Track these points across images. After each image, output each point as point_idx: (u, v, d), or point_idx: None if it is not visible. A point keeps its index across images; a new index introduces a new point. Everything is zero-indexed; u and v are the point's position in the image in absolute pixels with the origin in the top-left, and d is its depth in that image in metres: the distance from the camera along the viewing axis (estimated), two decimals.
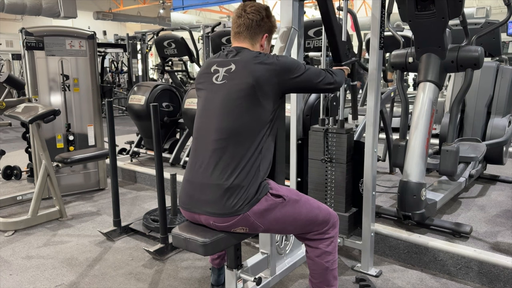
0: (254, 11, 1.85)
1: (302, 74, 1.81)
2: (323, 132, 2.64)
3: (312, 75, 1.85)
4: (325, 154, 2.65)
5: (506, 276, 2.35)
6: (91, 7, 17.40)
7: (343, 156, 2.60)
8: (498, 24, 3.16)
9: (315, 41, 3.70)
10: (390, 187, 3.93)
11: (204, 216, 1.73)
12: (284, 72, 1.76)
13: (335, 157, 2.62)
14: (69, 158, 3.44)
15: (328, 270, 1.88)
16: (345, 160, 2.60)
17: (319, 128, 2.68)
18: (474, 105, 4.01)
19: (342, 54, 2.31)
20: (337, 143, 2.62)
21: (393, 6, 3.13)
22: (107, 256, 2.86)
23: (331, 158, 2.63)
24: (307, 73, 1.83)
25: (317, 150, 2.69)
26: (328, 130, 2.65)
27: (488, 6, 10.50)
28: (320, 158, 2.66)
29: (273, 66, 1.74)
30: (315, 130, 2.69)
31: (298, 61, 1.88)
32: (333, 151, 2.63)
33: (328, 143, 2.65)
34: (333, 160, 2.63)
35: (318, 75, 1.88)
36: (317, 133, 2.68)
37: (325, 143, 2.65)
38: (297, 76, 1.79)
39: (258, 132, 1.73)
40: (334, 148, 2.63)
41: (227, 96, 1.74)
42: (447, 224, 2.83)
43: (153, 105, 2.69)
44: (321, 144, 2.66)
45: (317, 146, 2.69)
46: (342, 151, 2.60)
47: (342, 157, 2.60)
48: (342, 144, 2.59)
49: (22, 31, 3.88)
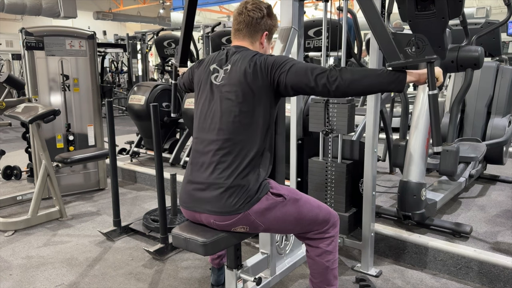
0: (255, 8, 1.84)
1: (291, 66, 1.68)
2: (324, 103, 2.58)
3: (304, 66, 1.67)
4: (325, 126, 2.62)
5: (506, 276, 2.35)
6: (91, 7, 17.41)
7: (344, 127, 2.53)
8: (498, 24, 3.16)
9: (315, 41, 3.70)
10: (390, 187, 3.93)
11: (204, 215, 1.74)
12: (273, 67, 1.71)
13: (336, 128, 2.57)
14: (69, 158, 3.44)
15: (329, 269, 1.88)
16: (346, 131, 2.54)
17: (320, 99, 2.61)
18: (474, 105, 4.02)
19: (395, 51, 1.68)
20: (338, 113, 2.54)
21: (393, 6, 3.13)
22: (107, 256, 2.86)
23: (332, 129, 2.59)
24: (297, 65, 1.68)
25: (317, 122, 2.62)
26: (329, 100, 2.58)
27: (488, 6, 10.50)
28: (320, 129, 2.62)
29: (263, 64, 1.71)
30: (316, 101, 2.62)
31: (287, 56, 1.78)
32: (334, 122, 2.58)
33: (328, 114, 2.60)
34: (333, 131, 2.59)
35: (312, 66, 1.67)
36: (318, 105, 2.61)
37: (326, 114, 2.61)
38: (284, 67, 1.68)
39: (258, 132, 1.73)
40: (335, 119, 2.57)
41: (226, 96, 1.74)
42: (447, 224, 2.83)
43: (153, 105, 2.69)
44: (322, 116, 2.59)
45: (317, 118, 2.62)
46: (343, 121, 2.53)
47: (343, 128, 2.53)
48: (343, 114, 2.52)
49: (22, 31, 3.88)
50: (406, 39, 1.66)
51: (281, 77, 1.69)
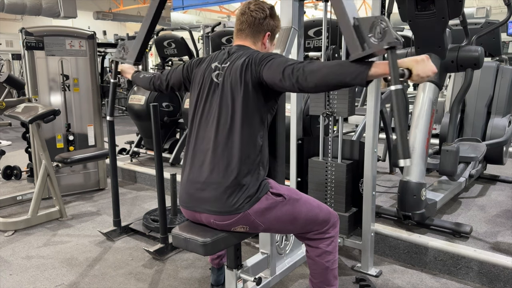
0: (258, 8, 1.83)
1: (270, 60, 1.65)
2: None
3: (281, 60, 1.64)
4: (326, 108, 2.61)
5: (506, 276, 2.35)
6: (91, 7, 17.40)
7: (345, 110, 2.53)
8: (498, 24, 3.17)
9: (315, 41, 3.70)
10: (390, 187, 3.93)
11: (204, 215, 1.73)
12: (260, 63, 1.68)
13: (336, 111, 2.57)
14: (69, 158, 3.44)
15: (329, 269, 1.88)
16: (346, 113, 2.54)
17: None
18: (474, 105, 4.02)
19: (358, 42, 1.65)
20: (339, 96, 2.55)
21: (393, 6, 3.13)
22: (107, 256, 2.86)
23: (332, 112, 2.60)
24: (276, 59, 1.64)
25: (318, 105, 2.63)
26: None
27: (488, 6, 10.51)
28: (321, 112, 2.62)
29: (253, 60, 1.70)
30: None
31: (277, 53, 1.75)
32: (335, 104, 2.58)
33: (329, 96, 2.60)
34: (334, 114, 2.58)
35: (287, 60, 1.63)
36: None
37: (326, 96, 2.61)
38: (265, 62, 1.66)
39: (257, 131, 1.73)
40: (335, 101, 2.58)
41: (225, 94, 1.74)
42: (447, 224, 2.83)
43: (153, 105, 2.69)
44: (322, 98, 2.61)
45: (318, 101, 2.63)
46: (344, 104, 2.54)
47: (344, 110, 2.54)
48: (344, 97, 2.54)
49: (22, 31, 3.88)
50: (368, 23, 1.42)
51: (261, 72, 1.67)
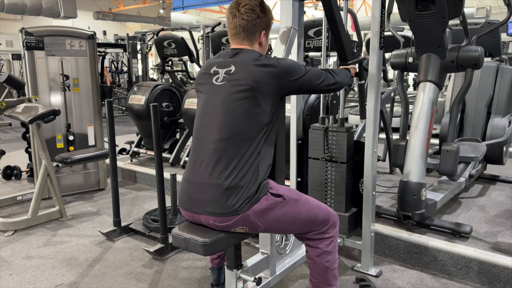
0: (248, 10, 1.81)
1: (302, 76, 1.80)
2: (323, 130, 2.65)
3: (313, 77, 1.84)
4: (325, 153, 2.66)
5: (506, 276, 2.35)
6: (91, 7, 17.41)
7: (343, 155, 2.60)
8: (498, 24, 3.16)
9: (315, 41, 3.69)
10: (390, 187, 3.93)
11: (204, 216, 1.74)
12: (284, 74, 1.76)
13: (335, 156, 2.63)
14: (69, 158, 3.44)
15: (329, 269, 1.89)
16: (345, 159, 2.60)
17: (319, 126, 2.69)
18: (474, 105, 4.01)
19: (348, 53, 2.25)
20: (337, 141, 2.62)
21: (393, 6, 3.13)
22: (107, 256, 2.86)
23: (331, 156, 2.64)
24: (308, 75, 1.82)
25: (317, 149, 2.70)
26: (328, 128, 2.65)
27: (488, 6, 10.51)
28: (320, 156, 2.67)
29: (273, 69, 1.74)
30: (315, 128, 2.70)
31: (298, 63, 1.87)
32: (333, 149, 2.64)
33: (328, 141, 2.65)
34: (333, 159, 2.64)
35: (319, 76, 1.87)
36: (317, 132, 2.69)
37: (325, 141, 2.66)
38: (297, 78, 1.78)
39: (257, 133, 1.73)
40: (334, 146, 2.63)
41: (227, 97, 1.74)
42: (447, 224, 2.83)
43: (153, 105, 2.69)
44: (321, 143, 2.67)
45: (317, 145, 2.69)
46: (342, 150, 2.61)
47: (342, 155, 2.60)
48: (342, 143, 2.60)
49: (22, 31, 3.88)
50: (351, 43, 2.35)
51: (290, 85, 1.79)
